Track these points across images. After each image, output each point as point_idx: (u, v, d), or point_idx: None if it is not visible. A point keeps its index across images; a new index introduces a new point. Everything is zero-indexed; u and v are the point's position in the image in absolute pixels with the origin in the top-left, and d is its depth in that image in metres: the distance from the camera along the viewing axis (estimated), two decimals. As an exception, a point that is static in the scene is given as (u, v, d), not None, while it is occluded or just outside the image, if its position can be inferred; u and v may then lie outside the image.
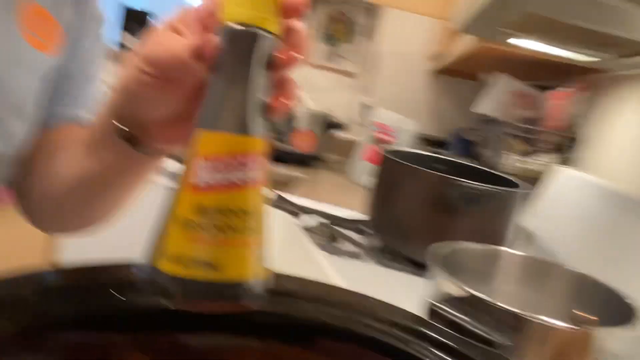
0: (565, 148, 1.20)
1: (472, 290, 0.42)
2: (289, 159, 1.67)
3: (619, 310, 0.45)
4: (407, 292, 0.75)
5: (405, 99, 2.10)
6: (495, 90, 1.41)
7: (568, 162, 1.18)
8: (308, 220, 0.97)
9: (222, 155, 0.24)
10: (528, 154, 1.22)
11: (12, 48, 0.45)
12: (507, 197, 0.77)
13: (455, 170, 0.88)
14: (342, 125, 1.72)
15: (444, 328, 0.33)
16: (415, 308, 0.38)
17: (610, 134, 1.07)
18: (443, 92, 2.10)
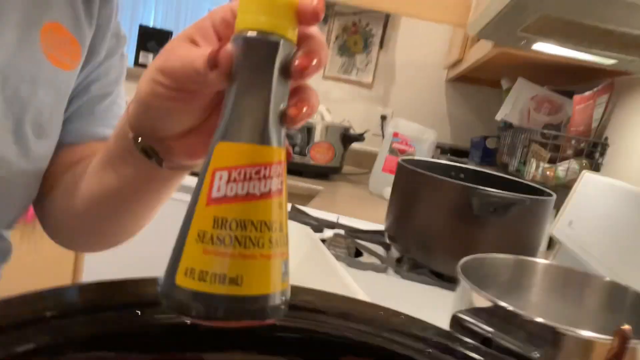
0: (591, 153, 1.17)
1: (503, 303, 0.41)
2: (308, 172, 1.67)
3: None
4: (432, 305, 0.74)
5: (423, 109, 2.08)
6: (517, 97, 1.39)
7: (594, 167, 1.14)
8: (328, 234, 0.96)
9: (240, 166, 0.23)
10: (553, 161, 1.19)
11: (34, 66, 0.45)
12: (534, 205, 0.75)
13: (478, 179, 0.86)
14: (360, 137, 1.71)
15: (475, 343, 0.32)
16: (443, 322, 0.37)
17: (635, 137, 1.04)
18: (461, 100, 2.08)
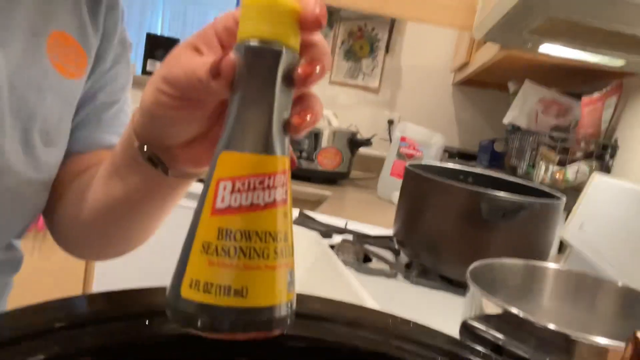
0: (601, 155, 1.15)
1: (514, 309, 0.40)
2: (316, 178, 1.67)
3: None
4: (442, 311, 0.73)
5: (431, 113, 2.08)
6: (524, 99, 1.38)
7: (604, 169, 1.13)
8: (337, 239, 0.96)
9: (244, 177, 0.23)
10: (562, 163, 1.18)
11: (41, 75, 0.46)
12: (544, 209, 0.74)
13: (487, 183, 0.86)
14: (367, 142, 1.71)
15: (485, 351, 0.31)
16: (453, 328, 0.36)
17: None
18: (469, 103, 2.07)
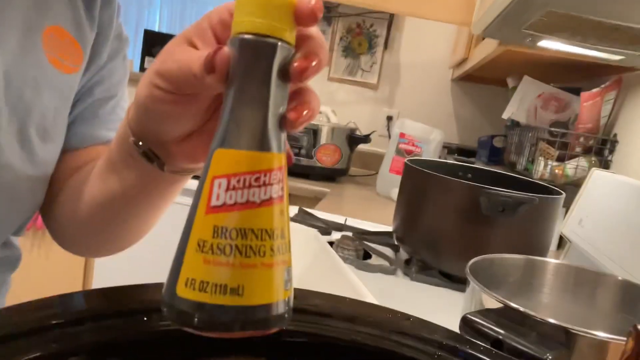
0: (600, 150, 1.15)
1: (513, 304, 0.40)
2: (315, 175, 1.67)
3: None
4: (442, 306, 0.73)
5: (429, 109, 2.07)
6: (523, 95, 1.38)
7: (603, 164, 1.13)
8: (336, 236, 0.95)
9: (239, 174, 0.23)
10: (561, 159, 1.18)
11: (37, 69, 0.45)
12: (544, 204, 0.74)
13: (486, 179, 0.86)
14: (366, 138, 1.71)
15: (485, 345, 0.31)
16: (453, 323, 0.36)
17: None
18: (467, 99, 2.07)
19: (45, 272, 1.61)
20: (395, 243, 0.92)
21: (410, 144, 1.55)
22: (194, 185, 0.25)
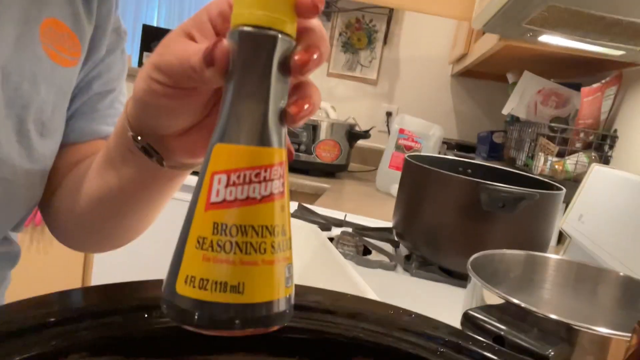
0: (600, 146, 1.15)
1: (515, 300, 0.40)
2: (314, 170, 1.66)
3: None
4: (443, 302, 0.73)
5: (429, 104, 2.07)
6: (523, 90, 1.37)
7: (603, 160, 1.13)
8: (336, 232, 0.95)
9: (239, 169, 0.22)
10: (561, 154, 1.17)
11: (35, 63, 0.45)
12: (544, 200, 0.74)
13: (486, 175, 0.86)
14: (366, 134, 1.70)
15: (487, 341, 0.31)
16: (454, 320, 0.36)
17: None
18: (467, 95, 2.06)
19: (45, 268, 1.61)
20: (395, 239, 0.92)
21: (410, 140, 1.55)
22: (194, 181, 0.24)
